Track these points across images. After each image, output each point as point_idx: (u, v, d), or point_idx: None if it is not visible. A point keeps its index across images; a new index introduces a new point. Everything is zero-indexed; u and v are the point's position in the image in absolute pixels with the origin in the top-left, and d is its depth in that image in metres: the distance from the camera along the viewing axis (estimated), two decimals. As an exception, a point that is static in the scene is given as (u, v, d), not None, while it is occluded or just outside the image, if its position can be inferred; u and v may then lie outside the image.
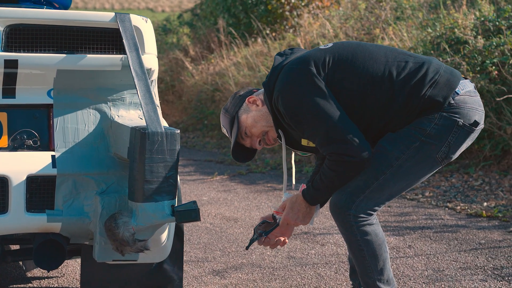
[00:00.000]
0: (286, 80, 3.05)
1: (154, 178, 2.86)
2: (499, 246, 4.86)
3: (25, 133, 3.04)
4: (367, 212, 3.05)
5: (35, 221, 2.99)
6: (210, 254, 4.82)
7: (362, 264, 3.13)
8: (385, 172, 3.03)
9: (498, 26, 7.84)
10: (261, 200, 6.70)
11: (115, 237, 2.91)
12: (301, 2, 13.95)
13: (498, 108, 7.10)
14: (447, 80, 3.04)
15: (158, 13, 54.75)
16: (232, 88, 11.68)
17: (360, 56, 3.07)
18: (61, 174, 3.00)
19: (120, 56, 3.06)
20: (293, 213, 3.17)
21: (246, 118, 3.24)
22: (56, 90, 3.05)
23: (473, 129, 3.05)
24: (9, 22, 2.92)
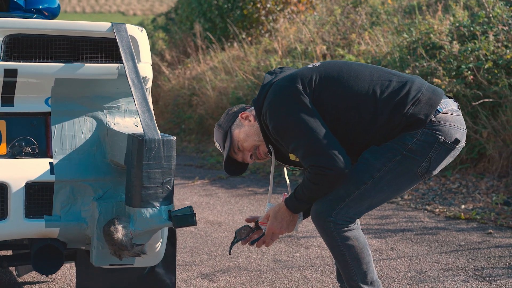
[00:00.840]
0: (273, 96, 3.17)
1: (152, 184, 2.94)
2: (478, 248, 4.98)
3: (24, 141, 3.10)
4: (346, 220, 3.14)
5: (34, 226, 3.05)
6: (197, 258, 4.90)
7: (346, 268, 3.22)
8: (366, 182, 3.12)
9: (472, 31, 8.00)
10: (243, 204, 6.79)
11: (113, 241, 2.98)
12: (276, 7, 14.05)
13: (474, 112, 7.24)
14: (429, 98, 3.14)
15: (129, 16, 54.68)
16: (209, 92, 11.76)
17: (346, 75, 3.18)
18: (59, 180, 3.06)
19: (117, 65, 3.13)
20: (277, 222, 3.27)
21: (239, 133, 3.33)
22: (53, 98, 3.12)
23: (454, 147, 3.15)
24: (9, 32, 2.99)
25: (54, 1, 4.28)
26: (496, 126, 6.98)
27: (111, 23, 3.11)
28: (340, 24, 11.13)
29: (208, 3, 14.53)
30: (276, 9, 14.04)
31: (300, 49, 10.52)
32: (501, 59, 7.24)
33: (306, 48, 10.61)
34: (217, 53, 13.33)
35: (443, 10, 9.55)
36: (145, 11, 57.58)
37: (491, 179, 6.81)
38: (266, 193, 7.33)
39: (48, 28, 3.04)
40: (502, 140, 6.95)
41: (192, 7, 15.02)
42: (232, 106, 10.58)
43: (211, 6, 14.47)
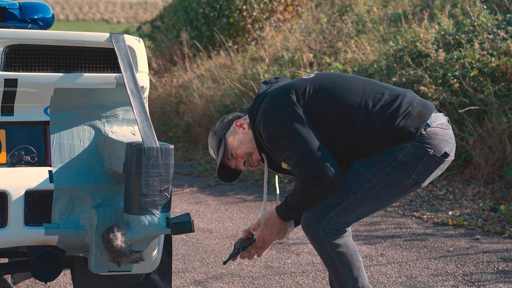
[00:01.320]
0: (268, 106, 3.23)
1: (150, 192, 3.00)
2: (467, 253, 5.06)
3: (23, 149, 3.15)
4: (336, 229, 3.19)
5: (33, 234, 3.10)
6: (189, 265, 4.95)
7: (337, 274, 3.28)
8: (356, 192, 3.18)
9: (458, 39, 8.10)
10: (233, 212, 6.84)
11: (112, 248, 3.03)
12: (262, 15, 14.14)
13: (460, 119, 7.34)
14: (419, 112, 3.21)
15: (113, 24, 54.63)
16: (196, 100, 11.81)
17: (339, 87, 3.25)
18: (58, 188, 3.11)
19: (115, 74, 3.19)
20: (267, 229, 3.33)
21: (233, 140, 3.39)
22: (52, 107, 3.17)
23: (443, 160, 3.21)
24: (9, 43, 3.04)
25: (48, 11, 4.33)
26: (482, 133, 7.08)
27: (110, 33, 3.17)
28: (326, 32, 11.21)
29: (195, 12, 14.59)
30: (262, 17, 14.12)
31: (287, 57, 10.59)
32: (486, 67, 7.35)
33: (293, 56, 10.69)
34: (203, 61, 13.39)
35: (429, 18, 9.65)
36: (129, 18, 57.56)
37: (478, 185, 6.90)
38: (256, 201, 7.39)
39: (48, 38, 3.09)
40: (488, 147, 7.04)
41: (179, 16, 15.07)
42: (220, 114, 10.69)
43: (197, 14, 14.53)
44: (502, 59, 7.32)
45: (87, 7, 60.81)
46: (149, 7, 60.82)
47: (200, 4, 14.51)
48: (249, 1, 14.05)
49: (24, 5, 4.20)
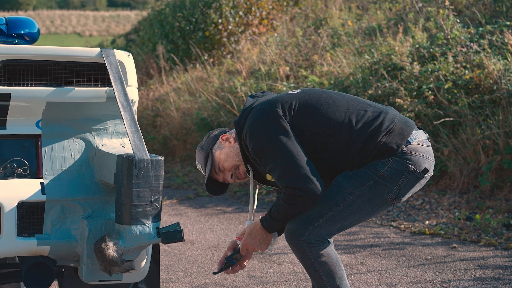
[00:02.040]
0: (254, 119, 3.33)
1: (141, 202, 3.08)
2: (444, 261, 5.18)
3: (16, 162, 3.22)
4: (318, 240, 3.29)
5: (26, 245, 3.17)
6: (173, 275, 5.02)
7: (320, 283, 3.37)
8: (339, 205, 3.28)
9: (432, 52, 8.26)
10: (213, 223, 6.92)
11: (104, 258, 3.11)
12: (238, 28, 14.26)
13: (435, 131, 7.48)
14: (401, 129, 3.33)
15: (85, 37, 54.40)
16: (173, 113, 11.88)
17: (324, 103, 3.36)
18: (50, 200, 3.19)
19: (105, 88, 3.27)
20: (251, 239, 3.41)
21: (220, 154, 3.48)
22: (44, 121, 3.25)
23: (423, 176, 3.32)
24: (2, 58, 3.11)
25: (34, 27, 4.41)
26: (457, 144, 7.22)
27: (100, 48, 3.25)
28: (302, 46, 11.35)
29: (170, 25, 14.69)
30: (238, 31, 14.24)
31: (263, 70, 10.71)
32: (460, 79, 7.50)
33: (269, 69, 10.81)
34: (180, 74, 13.47)
35: (403, 32, 9.81)
36: (101, 32, 57.34)
37: (453, 195, 7.04)
38: (235, 212, 7.48)
39: (40, 53, 3.17)
40: (462, 158, 7.19)
41: (154, 29, 15.15)
42: (197, 126, 10.78)
43: (173, 28, 14.63)
44: (476, 72, 7.48)
45: (59, 20, 60.46)
46: (122, 20, 60.63)
47: (176, 18, 14.61)
48: (225, 15, 14.17)
49: (10, 21, 4.28)
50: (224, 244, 5.99)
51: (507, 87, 7.08)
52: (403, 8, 11.60)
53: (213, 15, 14.15)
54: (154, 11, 15.69)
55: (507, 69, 7.31)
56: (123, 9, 67.34)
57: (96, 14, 63.87)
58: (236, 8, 14.29)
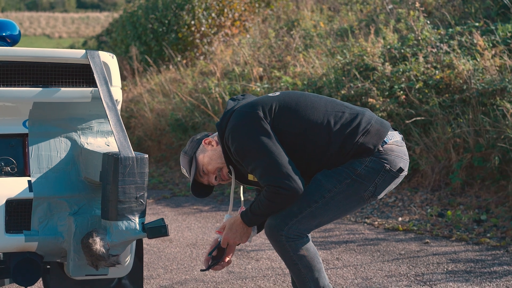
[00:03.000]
0: (236, 121, 3.44)
1: (126, 199, 3.18)
2: (418, 256, 5.33)
3: (3, 160, 3.31)
4: (297, 235, 3.41)
5: (14, 241, 3.26)
6: (153, 272, 5.12)
7: (299, 276, 3.49)
8: (317, 202, 3.41)
9: (403, 53, 8.43)
10: (190, 222, 7.03)
11: (92, 252, 3.21)
12: (210, 30, 14.36)
13: (407, 130, 7.64)
14: (377, 130, 3.46)
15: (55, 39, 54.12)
16: (147, 114, 11.95)
17: (303, 105, 3.48)
18: (37, 197, 3.28)
19: (90, 89, 3.37)
20: (231, 233, 3.53)
21: (203, 157, 3.57)
22: (31, 120, 3.34)
23: (398, 175, 3.46)
24: (-10, 59, 3.20)
25: (15, 29, 4.49)
26: (428, 142, 7.38)
27: (85, 50, 3.35)
28: (274, 47, 11.48)
29: (143, 27, 14.75)
30: (211, 32, 14.34)
31: (237, 71, 10.82)
32: (431, 79, 7.67)
33: (243, 70, 10.92)
34: (153, 75, 13.54)
35: (374, 33, 9.97)
36: (71, 33, 57.06)
37: (425, 193, 7.19)
38: (211, 211, 7.58)
39: (27, 55, 3.26)
40: (434, 156, 7.35)
41: (127, 31, 15.21)
42: (171, 127, 10.86)
43: (146, 29, 14.70)
44: (446, 72, 7.65)
45: (27, 22, 60.06)
46: (91, 22, 60.37)
47: (149, 20, 14.68)
48: (197, 17, 14.26)
49: (-8, 23, 4.35)
50: (202, 242, 6.10)
51: (476, 87, 7.24)
52: (374, 10, 11.77)
53: (186, 17, 14.23)
54: (127, 12, 15.74)
55: (476, 69, 7.48)
56: (92, 11, 67.06)
57: (65, 15, 63.52)
58: (208, 10, 14.39)
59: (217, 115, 9.98)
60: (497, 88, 7.08)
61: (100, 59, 3.38)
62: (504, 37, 8.06)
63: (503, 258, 5.21)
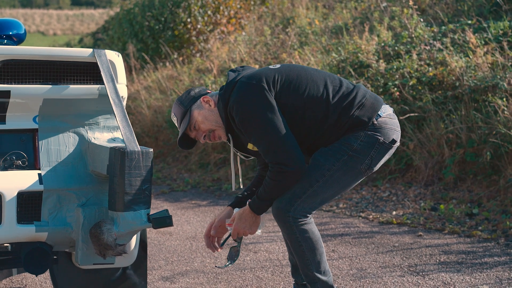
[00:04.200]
0: (241, 93, 3.55)
1: (133, 191, 3.33)
2: (411, 248, 5.49)
3: (15, 155, 3.46)
4: (303, 214, 3.59)
5: (25, 231, 3.41)
6: (155, 263, 5.28)
7: (302, 258, 3.65)
8: (318, 181, 3.57)
9: (397, 50, 8.59)
10: (189, 216, 7.18)
11: (99, 242, 3.36)
12: (206, 27, 14.50)
13: (401, 126, 7.79)
14: (371, 103, 3.63)
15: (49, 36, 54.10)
16: (144, 111, 12.09)
17: (304, 79, 3.62)
18: (47, 189, 3.43)
19: (97, 86, 3.52)
20: (241, 223, 3.68)
21: (198, 114, 3.68)
22: (41, 116, 3.48)
23: (391, 146, 3.65)
24: (2, 58, 3.34)
25: (21, 28, 4.63)
26: (422, 138, 7.54)
27: (93, 49, 3.50)
28: (270, 44, 11.62)
29: (140, 24, 14.89)
30: (207, 30, 14.48)
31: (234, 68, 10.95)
32: (424, 76, 7.83)
33: (239, 67, 11.04)
34: (150, 73, 13.68)
35: (369, 30, 10.13)
36: (65, 31, 56.97)
37: (418, 187, 7.35)
38: (209, 206, 7.74)
39: (37, 54, 3.41)
40: (427, 152, 7.51)
41: (124, 28, 15.34)
42: (168, 124, 11.00)
43: (142, 27, 14.83)
44: (439, 69, 7.81)
45: (22, 19, 59.97)
46: (86, 19, 60.29)
47: (145, 17, 14.81)
48: (193, 14, 14.40)
49: (-1, 22, 4.50)
50: (201, 235, 6.25)
51: (468, 84, 7.41)
52: (368, 7, 11.93)
53: (182, 14, 14.37)
54: (123, 10, 15.87)
55: (469, 66, 7.64)
56: (87, 8, 66.98)
57: (60, 12, 63.43)
58: (204, 8, 14.53)
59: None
60: (489, 84, 7.24)
61: (107, 57, 3.52)
62: (496, 34, 8.22)
63: (493, 250, 5.37)
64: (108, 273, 3.96)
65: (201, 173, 9.67)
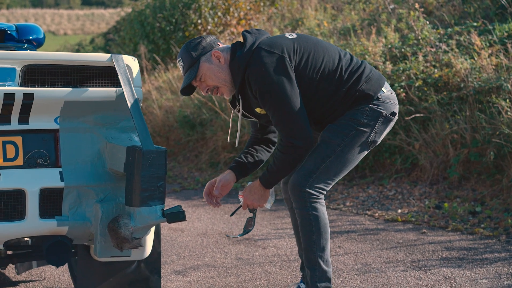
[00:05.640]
0: (263, 62, 3.68)
1: (148, 187, 3.54)
2: (414, 244, 5.69)
3: (37, 153, 3.68)
4: (318, 190, 3.81)
5: (47, 225, 3.63)
6: (168, 258, 5.49)
7: (309, 239, 3.85)
8: (330, 156, 3.82)
9: (403, 52, 8.78)
10: (200, 213, 7.39)
11: (117, 235, 3.57)
12: (216, 28, 14.71)
13: (407, 126, 7.98)
14: (377, 79, 3.90)
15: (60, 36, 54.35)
16: (156, 111, 12.30)
17: (321, 51, 3.82)
18: (67, 186, 3.64)
19: (115, 89, 3.73)
20: (250, 195, 3.92)
21: (207, 68, 3.79)
22: (61, 117, 3.70)
23: (392, 118, 3.92)
24: (26, 63, 3.56)
25: (40, 32, 4.85)
26: (427, 138, 7.73)
27: (110, 54, 3.72)
28: (279, 46, 11.78)
29: (151, 26, 15.11)
30: (217, 31, 14.69)
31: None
32: (430, 77, 8.01)
33: (249, 68, 11.23)
34: (160, 73, 13.89)
35: (376, 32, 10.31)
36: (76, 30, 57.22)
37: (424, 186, 7.54)
38: (220, 203, 7.94)
39: (59, 59, 3.63)
40: (432, 151, 7.69)
41: (135, 30, 15.56)
42: (179, 124, 11.20)
43: (154, 28, 15.05)
44: (444, 70, 7.99)
45: (33, 19, 60.27)
46: (96, 19, 60.53)
47: (157, 19, 15.04)
48: (204, 16, 14.62)
49: (20, 27, 4.72)
50: (212, 232, 6.46)
51: (473, 85, 7.58)
52: (376, 9, 12.10)
53: (193, 16, 14.59)
54: (135, 11, 16.10)
55: (473, 68, 7.82)
56: (97, 8, 67.20)
57: (70, 12, 63.64)
58: (215, 9, 14.74)
59: (224, 112, 10.33)
60: (493, 86, 7.41)
61: (124, 62, 3.73)
62: (501, 36, 8.39)
63: (494, 246, 5.56)
64: (123, 266, 4.16)
65: (211, 172, 9.87)
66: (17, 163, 3.64)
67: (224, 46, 3.88)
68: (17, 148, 3.64)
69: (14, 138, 3.64)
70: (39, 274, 5.06)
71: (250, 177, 8.44)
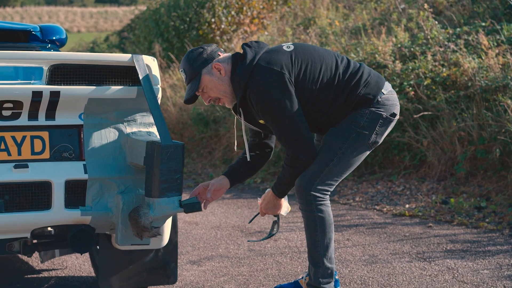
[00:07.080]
0: (263, 79, 3.83)
1: (167, 179, 3.78)
2: (420, 237, 5.90)
3: (63, 147, 3.92)
4: (322, 192, 3.98)
5: (72, 215, 3.87)
6: (183, 249, 5.73)
7: (313, 238, 4.02)
8: (332, 160, 3.98)
9: (413, 52, 8.97)
10: (214, 207, 7.63)
11: (137, 224, 3.81)
12: (230, 27, 14.92)
13: (416, 124, 8.18)
14: (376, 82, 4.03)
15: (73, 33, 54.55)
16: (170, 108, 12.53)
17: (318, 61, 3.96)
18: (91, 178, 3.89)
19: (135, 87, 3.96)
20: (265, 204, 4.17)
21: (208, 80, 3.95)
22: (85, 113, 3.94)
23: (392, 119, 4.05)
24: (52, 62, 3.80)
25: (63, 33, 5.09)
26: (435, 136, 7.93)
27: (131, 54, 3.95)
28: (292, 44, 11.98)
29: (165, 24, 15.33)
30: (230, 30, 14.90)
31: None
32: (438, 76, 8.21)
33: (261, 66, 11.43)
34: (175, 71, 14.12)
35: (386, 32, 10.50)
36: (89, 28, 57.38)
37: (431, 182, 7.75)
38: (233, 198, 8.18)
39: (83, 59, 3.87)
40: (440, 148, 7.89)
41: (150, 28, 15.79)
42: (193, 121, 11.43)
43: (168, 27, 15.28)
44: (452, 70, 8.18)
45: (46, 16, 60.50)
46: (110, 17, 60.67)
47: (171, 17, 15.26)
48: (217, 14, 14.82)
49: (43, 28, 4.96)
50: (225, 225, 6.70)
51: (480, 84, 7.77)
52: (388, 9, 12.29)
53: (207, 15, 14.79)
54: (149, 10, 16.33)
55: (481, 67, 8.01)
56: (110, 5, 67.37)
57: (84, 10, 63.77)
58: (228, 8, 14.94)
59: (237, 109, 10.52)
60: (500, 85, 7.60)
61: (144, 62, 3.97)
62: (509, 36, 8.57)
63: (497, 239, 5.77)
64: (142, 254, 4.40)
65: (225, 168, 10.10)
66: (44, 156, 3.88)
67: (225, 56, 4.02)
68: (44, 142, 3.88)
69: (41, 133, 3.88)
70: (61, 263, 5.31)
71: (270, 184, 8.65)
